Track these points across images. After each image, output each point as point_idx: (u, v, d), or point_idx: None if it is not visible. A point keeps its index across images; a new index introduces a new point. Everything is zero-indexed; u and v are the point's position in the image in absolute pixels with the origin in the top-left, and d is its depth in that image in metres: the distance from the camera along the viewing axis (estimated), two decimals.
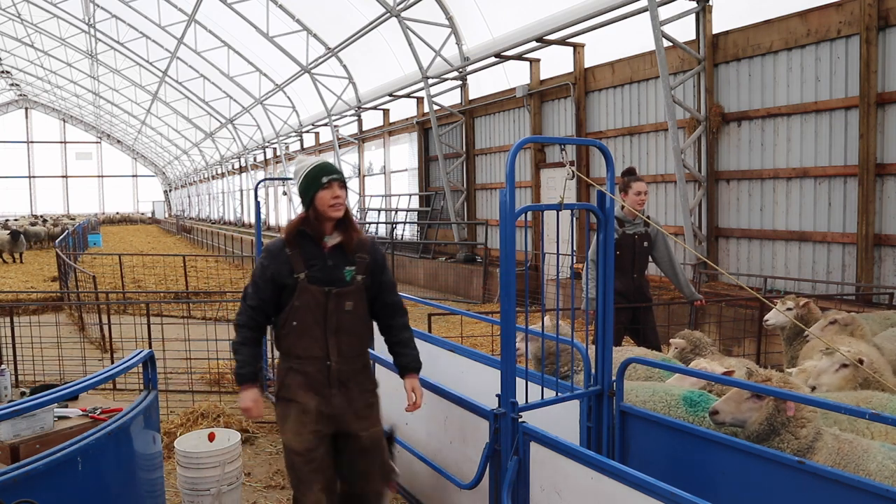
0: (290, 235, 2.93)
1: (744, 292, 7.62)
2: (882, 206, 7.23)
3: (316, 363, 2.91)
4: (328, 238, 2.93)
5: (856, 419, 3.00)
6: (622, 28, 10.06)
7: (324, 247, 2.92)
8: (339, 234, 2.93)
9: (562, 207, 2.86)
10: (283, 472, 4.80)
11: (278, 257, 2.91)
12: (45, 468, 2.30)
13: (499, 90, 14.27)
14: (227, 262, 19.83)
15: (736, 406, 2.90)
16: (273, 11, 18.40)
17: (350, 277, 2.93)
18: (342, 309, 2.91)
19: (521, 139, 2.67)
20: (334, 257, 2.92)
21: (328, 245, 2.92)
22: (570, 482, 2.50)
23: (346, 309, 2.92)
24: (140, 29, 25.11)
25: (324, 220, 2.90)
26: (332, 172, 2.88)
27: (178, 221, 43.43)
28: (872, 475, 2.58)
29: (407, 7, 14.10)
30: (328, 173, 2.86)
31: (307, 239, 2.92)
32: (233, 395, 6.50)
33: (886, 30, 7.02)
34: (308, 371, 2.92)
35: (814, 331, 4.64)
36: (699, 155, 9.29)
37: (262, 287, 2.93)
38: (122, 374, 3.18)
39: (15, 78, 46.75)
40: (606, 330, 3.02)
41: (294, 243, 2.91)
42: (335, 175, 2.88)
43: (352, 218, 2.99)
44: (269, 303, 2.95)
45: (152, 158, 59.07)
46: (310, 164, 2.92)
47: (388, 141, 20.32)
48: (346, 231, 2.94)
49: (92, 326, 9.40)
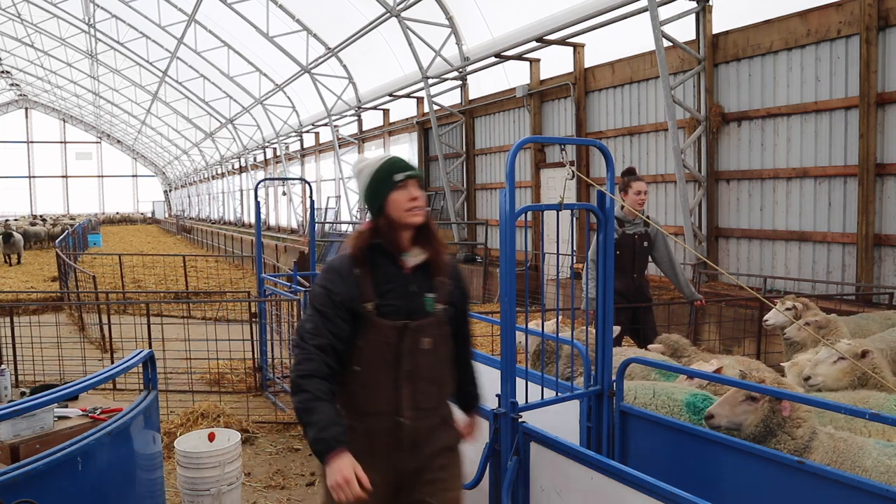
0: (359, 250, 2.27)
1: (744, 292, 7.61)
2: (882, 206, 7.23)
3: (383, 420, 2.28)
4: (408, 255, 2.30)
5: (852, 419, 3.01)
6: (622, 28, 10.06)
7: (403, 267, 2.30)
8: (421, 250, 2.31)
9: (562, 207, 2.86)
10: (283, 472, 4.80)
11: (347, 278, 2.24)
12: (45, 468, 2.30)
13: (499, 90, 14.27)
14: (227, 262, 19.83)
15: (731, 409, 2.90)
16: (273, 11, 18.40)
17: (430, 307, 2.31)
18: (418, 348, 2.28)
19: (521, 139, 2.67)
20: (417, 281, 2.30)
21: (409, 265, 2.30)
22: (570, 482, 2.51)
23: (424, 348, 2.29)
24: (140, 29, 25.11)
25: (399, 230, 2.27)
26: (407, 168, 2.29)
27: (178, 221, 43.45)
28: (868, 472, 2.58)
29: (407, 7, 14.10)
30: (402, 169, 2.27)
31: (382, 256, 2.28)
32: (233, 395, 6.51)
33: (886, 30, 7.02)
34: (373, 430, 2.28)
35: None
36: (699, 155, 9.29)
37: (333, 318, 2.21)
38: (122, 374, 3.18)
39: (15, 78, 46.75)
40: (606, 330, 3.03)
41: (364, 261, 2.26)
42: (411, 171, 2.29)
43: (435, 227, 2.36)
44: (343, 339, 2.23)
45: (152, 158, 59.07)
46: (377, 160, 2.33)
47: (388, 141, 20.33)
48: (430, 245, 2.31)
49: (92, 326, 9.41)
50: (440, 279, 2.34)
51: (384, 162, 2.31)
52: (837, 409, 2.65)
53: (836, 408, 2.65)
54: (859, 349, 3.61)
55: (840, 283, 7.59)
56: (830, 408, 2.70)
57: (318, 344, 2.18)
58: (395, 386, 2.26)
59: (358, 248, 2.27)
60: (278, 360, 7.24)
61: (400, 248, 2.28)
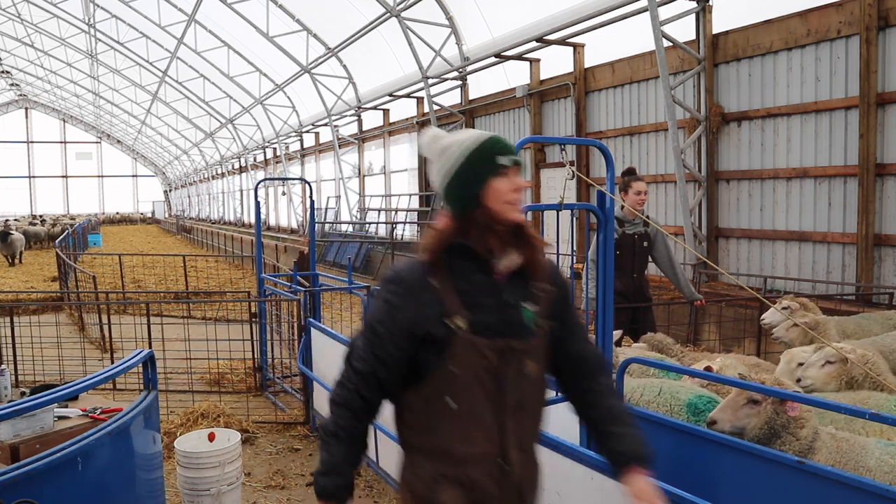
0: (437, 253, 1.80)
1: (744, 292, 7.61)
2: (882, 206, 7.23)
3: (485, 466, 1.80)
4: (501, 258, 1.81)
5: (851, 419, 3.01)
6: (622, 28, 10.06)
7: (495, 272, 1.82)
8: (515, 252, 1.82)
9: (562, 207, 2.86)
10: (283, 472, 4.80)
11: (419, 292, 1.78)
12: (45, 468, 2.30)
13: (499, 90, 14.27)
14: (227, 262, 19.84)
15: (733, 413, 2.89)
16: (273, 11, 18.40)
17: (531, 322, 1.83)
18: (523, 374, 1.81)
19: (521, 139, 2.67)
20: (512, 290, 1.82)
21: (502, 269, 1.82)
22: (570, 482, 2.50)
23: (528, 374, 1.82)
24: (140, 29, 25.12)
25: (495, 228, 1.79)
26: (512, 151, 1.82)
27: (178, 221, 43.45)
28: (873, 471, 2.59)
29: (407, 7, 14.11)
30: (507, 151, 1.80)
31: (467, 260, 1.80)
32: (233, 395, 6.51)
33: (886, 30, 7.02)
34: (473, 480, 1.80)
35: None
36: (699, 155, 9.30)
37: (386, 342, 1.78)
38: (122, 374, 3.18)
39: (15, 78, 46.78)
40: (606, 330, 3.02)
41: (443, 266, 1.79)
42: (516, 156, 1.83)
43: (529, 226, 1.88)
44: (395, 367, 1.80)
45: (152, 158, 59.09)
46: (473, 137, 1.82)
47: (388, 141, 20.33)
48: (527, 245, 1.83)
49: (92, 326, 9.40)
50: (540, 286, 1.87)
51: (486, 140, 1.80)
52: (837, 409, 2.66)
53: (836, 408, 2.65)
54: (843, 354, 3.62)
55: (840, 283, 7.59)
56: (830, 408, 2.70)
57: (359, 369, 1.81)
58: (498, 422, 1.79)
59: (438, 250, 1.79)
60: (278, 360, 7.24)
61: (491, 250, 1.80)
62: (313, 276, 7.50)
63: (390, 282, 1.83)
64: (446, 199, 1.83)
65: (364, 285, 6.71)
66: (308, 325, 5.54)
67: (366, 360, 1.79)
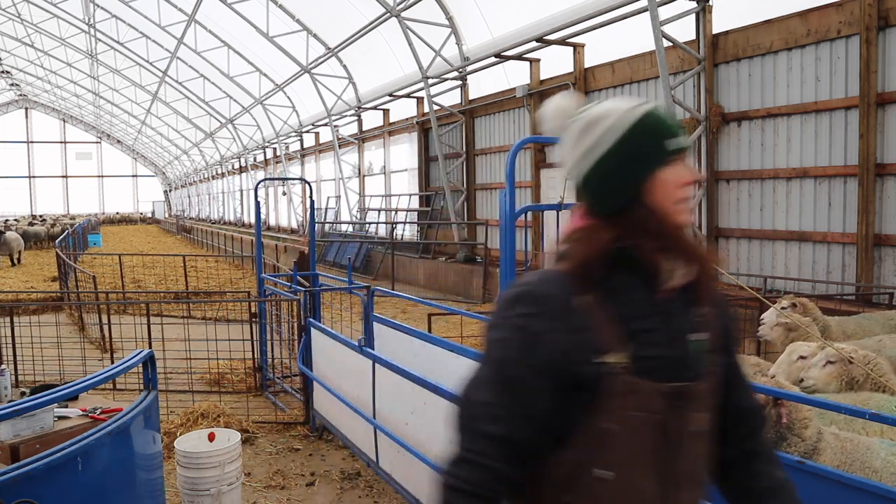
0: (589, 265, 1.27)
1: (744, 292, 7.60)
2: (882, 206, 7.23)
3: None
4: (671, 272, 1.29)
5: (851, 419, 3.01)
6: (622, 28, 10.06)
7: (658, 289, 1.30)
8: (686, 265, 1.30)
9: (562, 207, 2.86)
10: (283, 472, 4.80)
11: (567, 317, 1.24)
12: (45, 468, 2.30)
13: (499, 90, 14.27)
14: (227, 262, 19.83)
15: None
16: (273, 11, 18.41)
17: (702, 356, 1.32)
18: (690, 430, 1.30)
19: (521, 139, 2.67)
20: (679, 314, 1.31)
21: (668, 287, 1.30)
22: None
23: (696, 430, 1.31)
24: (140, 29, 25.13)
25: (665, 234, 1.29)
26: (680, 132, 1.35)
27: (178, 221, 43.45)
28: (878, 472, 2.59)
29: (407, 7, 14.11)
30: (676, 132, 1.34)
31: (627, 274, 1.29)
32: (233, 395, 6.51)
33: (886, 30, 7.02)
34: None
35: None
36: (699, 155, 9.30)
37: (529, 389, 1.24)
38: (122, 374, 3.18)
39: (15, 78, 46.79)
40: None
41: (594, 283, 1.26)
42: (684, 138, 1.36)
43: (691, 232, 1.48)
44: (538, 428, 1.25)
45: (152, 158, 59.10)
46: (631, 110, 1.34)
47: (388, 141, 20.33)
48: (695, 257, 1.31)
49: (92, 326, 9.40)
50: (707, 310, 1.35)
51: (647, 116, 1.34)
52: (838, 410, 2.65)
53: (836, 408, 2.65)
54: (844, 355, 3.63)
55: (840, 283, 7.59)
56: (831, 408, 2.70)
57: (492, 433, 1.24)
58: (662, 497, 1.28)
59: (594, 258, 1.27)
60: (278, 360, 7.24)
61: (659, 262, 1.28)
62: (313, 276, 7.50)
63: (520, 301, 1.27)
64: (589, 192, 1.34)
65: (364, 285, 6.71)
66: (308, 325, 5.54)
67: (504, 420, 1.23)
